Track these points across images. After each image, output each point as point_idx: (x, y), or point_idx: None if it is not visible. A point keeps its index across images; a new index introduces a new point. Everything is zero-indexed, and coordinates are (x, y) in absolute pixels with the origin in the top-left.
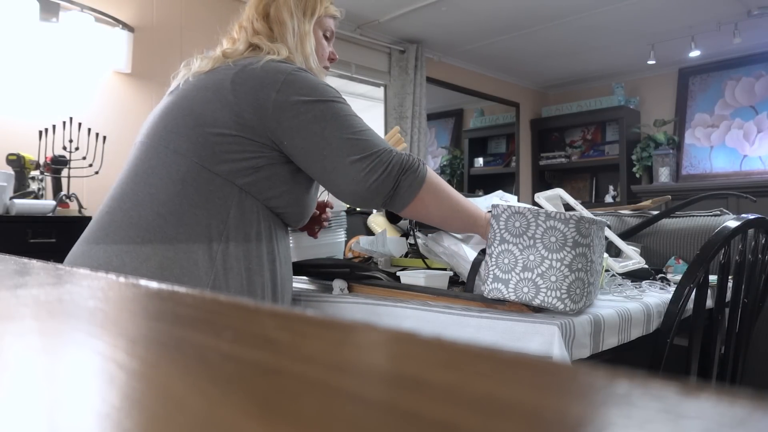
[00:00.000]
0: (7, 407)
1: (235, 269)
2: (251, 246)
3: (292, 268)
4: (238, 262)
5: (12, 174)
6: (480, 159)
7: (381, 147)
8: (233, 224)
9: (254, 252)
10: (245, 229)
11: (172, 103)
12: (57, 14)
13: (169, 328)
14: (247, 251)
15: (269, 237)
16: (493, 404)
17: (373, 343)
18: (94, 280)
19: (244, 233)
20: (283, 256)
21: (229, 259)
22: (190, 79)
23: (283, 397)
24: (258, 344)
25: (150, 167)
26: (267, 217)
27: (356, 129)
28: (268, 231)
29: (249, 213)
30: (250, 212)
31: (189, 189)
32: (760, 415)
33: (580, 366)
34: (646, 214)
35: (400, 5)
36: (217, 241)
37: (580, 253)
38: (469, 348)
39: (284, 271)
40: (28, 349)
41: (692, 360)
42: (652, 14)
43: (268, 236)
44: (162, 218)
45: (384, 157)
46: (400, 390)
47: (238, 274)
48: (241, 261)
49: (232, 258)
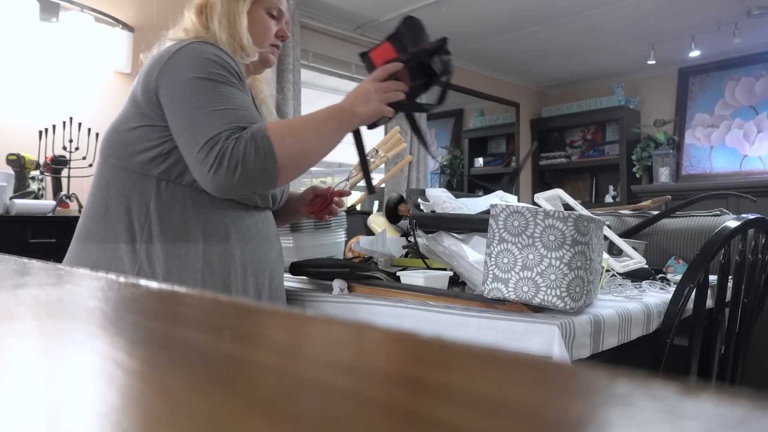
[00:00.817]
0: (7, 407)
1: (162, 264)
2: (181, 244)
3: (293, 267)
4: (166, 256)
5: (12, 174)
6: (480, 159)
7: (214, 133)
8: (156, 216)
9: (192, 248)
10: (172, 219)
11: None
12: (57, 14)
13: (169, 328)
14: (179, 247)
15: (213, 229)
16: (493, 404)
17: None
18: (94, 280)
19: (171, 225)
20: (243, 252)
21: (154, 254)
22: None
23: (283, 397)
24: (258, 344)
25: (94, 178)
26: (202, 204)
27: (206, 107)
28: (208, 221)
29: (174, 202)
30: (174, 201)
31: (111, 191)
32: (760, 415)
33: (580, 366)
34: (646, 214)
35: (400, 5)
36: (140, 237)
37: (579, 252)
38: (469, 348)
39: (249, 269)
40: (28, 349)
41: (692, 360)
42: (652, 14)
43: (209, 227)
44: (94, 222)
45: (218, 147)
46: (399, 390)
47: (167, 269)
48: (172, 256)
49: (157, 253)
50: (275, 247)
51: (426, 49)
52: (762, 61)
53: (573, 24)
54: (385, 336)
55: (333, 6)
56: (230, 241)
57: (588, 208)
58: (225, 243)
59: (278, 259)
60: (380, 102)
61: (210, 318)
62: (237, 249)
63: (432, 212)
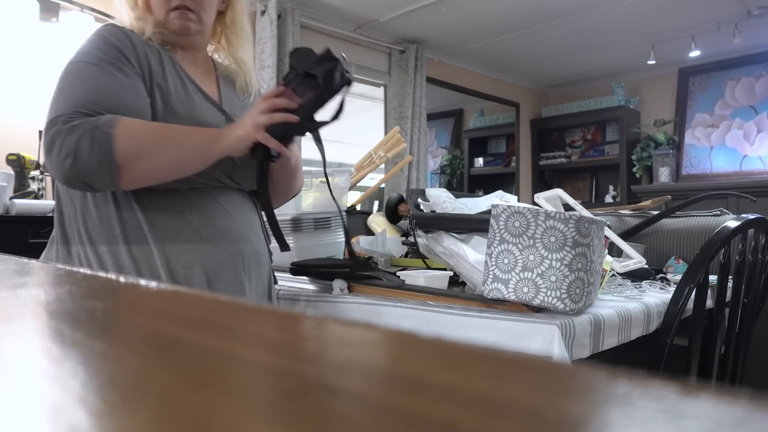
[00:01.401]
0: (7, 407)
1: (98, 266)
2: (106, 246)
3: (293, 267)
4: (98, 259)
5: (12, 174)
6: (480, 159)
7: (54, 116)
8: (81, 217)
9: (115, 251)
10: (97, 220)
11: None
12: (57, 14)
13: (169, 328)
14: (106, 249)
15: (129, 227)
16: (493, 404)
17: (373, 343)
18: (94, 280)
19: (96, 226)
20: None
21: (91, 257)
22: None
23: (283, 397)
24: (258, 344)
25: None
26: (120, 202)
27: (60, 91)
28: (122, 220)
29: (95, 200)
30: (96, 199)
31: (62, 196)
32: (760, 415)
33: (580, 366)
34: (646, 214)
35: (400, 5)
36: (74, 239)
37: (579, 253)
38: (469, 348)
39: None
40: (28, 349)
41: (692, 360)
42: (652, 14)
43: (125, 226)
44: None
45: (52, 131)
46: (400, 390)
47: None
48: (104, 258)
49: (88, 255)
50: (233, 247)
51: (306, 61)
52: (762, 61)
53: (573, 24)
54: (385, 336)
55: (333, 6)
56: (149, 241)
57: (588, 208)
58: (144, 244)
59: (240, 260)
60: (252, 125)
61: (210, 318)
62: (157, 250)
63: (432, 212)
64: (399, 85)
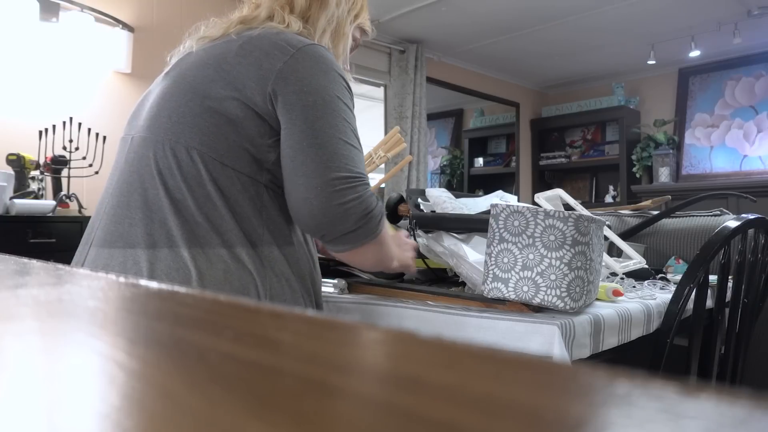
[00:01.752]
0: (6, 407)
1: (281, 266)
2: (292, 247)
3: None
4: (282, 259)
5: (12, 174)
6: (480, 159)
7: (365, 174)
8: (266, 224)
9: (294, 255)
10: (281, 230)
11: (171, 88)
12: (57, 14)
13: (169, 328)
14: (292, 250)
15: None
16: (493, 404)
17: (373, 343)
18: (94, 280)
19: (281, 232)
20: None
21: (272, 256)
22: (193, 52)
23: (283, 397)
24: (258, 344)
25: (163, 167)
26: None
27: (350, 140)
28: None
29: (280, 213)
30: (281, 212)
31: (215, 191)
32: (760, 415)
33: (580, 366)
34: (646, 214)
35: (400, 5)
36: (258, 241)
37: (579, 252)
38: (469, 348)
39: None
40: (28, 349)
41: (692, 360)
42: (652, 14)
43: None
44: (199, 226)
45: (363, 188)
46: (400, 390)
47: (282, 281)
48: (290, 259)
49: (274, 255)
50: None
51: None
52: (762, 61)
53: (573, 24)
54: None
55: None
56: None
57: (588, 208)
58: (306, 246)
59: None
60: (412, 257)
61: (210, 318)
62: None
63: (432, 212)
64: (399, 85)
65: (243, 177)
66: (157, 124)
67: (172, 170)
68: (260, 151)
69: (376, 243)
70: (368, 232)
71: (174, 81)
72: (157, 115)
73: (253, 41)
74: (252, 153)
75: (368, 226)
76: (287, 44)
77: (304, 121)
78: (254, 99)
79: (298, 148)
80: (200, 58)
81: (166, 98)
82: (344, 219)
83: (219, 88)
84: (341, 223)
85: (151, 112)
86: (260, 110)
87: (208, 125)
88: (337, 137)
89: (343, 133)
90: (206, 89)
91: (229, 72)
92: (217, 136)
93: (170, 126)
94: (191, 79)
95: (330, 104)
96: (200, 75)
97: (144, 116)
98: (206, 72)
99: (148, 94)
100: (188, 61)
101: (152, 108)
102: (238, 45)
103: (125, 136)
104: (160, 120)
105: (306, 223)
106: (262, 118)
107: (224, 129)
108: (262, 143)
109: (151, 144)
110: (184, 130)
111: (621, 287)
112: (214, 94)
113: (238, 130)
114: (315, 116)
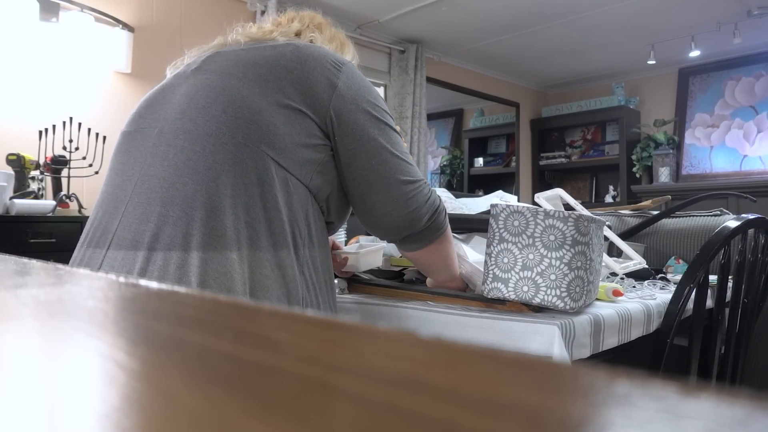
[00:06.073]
0: (6, 407)
1: (314, 278)
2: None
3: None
4: (321, 262)
5: (12, 174)
6: (480, 159)
7: (424, 178)
8: (311, 228)
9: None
10: (321, 234)
11: (217, 82)
12: (57, 14)
13: (169, 328)
14: (325, 253)
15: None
16: (493, 404)
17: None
18: (94, 280)
19: (320, 236)
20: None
21: (312, 260)
22: (226, 51)
23: (283, 397)
24: (258, 344)
25: (215, 162)
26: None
27: (404, 151)
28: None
29: (319, 221)
30: (319, 220)
31: (269, 191)
32: (760, 415)
33: (580, 366)
34: (646, 214)
35: (400, 5)
36: (301, 243)
37: (579, 252)
38: (469, 348)
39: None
40: (28, 349)
41: (692, 360)
42: (652, 14)
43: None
44: (250, 226)
45: (426, 189)
46: (400, 390)
47: (316, 284)
48: (324, 261)
49: (315, 258)
50: None
51: None
52: (762, 61)
53: (573, 24)
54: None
55: (333, 6)
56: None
57: (588, 208)
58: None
59: None
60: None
61: (210, 318)
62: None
63: None
64: (399, 85)
65: (294, 179)
66: (206, 118)
67: (228, 166)
68: (310, 153)
69: (444, 239)
70: (437, 227)
71: (219, 76)
72: (205, 108)
73: (303, 49)
74: (303, 155)
75: (437, 221)
76: (336, 59)
77: (368, 140)
78: (313, 105)
79: (368, 167)
80: (247, 58)
81: (215, 92)
82: (419, 220)
83: (276, 89)
84: (418, 225)
85: (194, 105)
86: (317, 117)
87: (267, 123)
88: (396, 150)
89: (398, 145)
90: (262, 88)
91: (287, 75)
92: (275, 135)
93: (226, 120)
94: (242, 75)
95: (382, 120)
96: (252, 73)
97: (176, 109)
98: (259, 71)
99: (165, 88)
100: (228, 59)
101: (194, 101)
102: (290, 50)
103: (139, 129)
104: (212, 113)
105: (389, 233)
106: (316, 123)
107: (282, 128)
108: (313, 145)
109: (200, 138)
110: (242, 125)
111: (621, 287)
112: (271, 93)
113: (295, 131)
114: (375, 134)
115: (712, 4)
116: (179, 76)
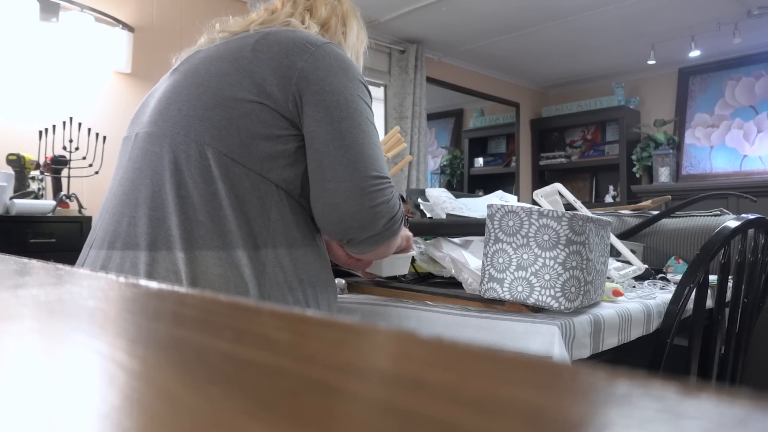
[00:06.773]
0: (6, 407)
1: (292, 268)
2: (304, 249)
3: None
4: (295, 261)
5: (12, 174)
6: (480, 159)
7: (389, 175)
8: (277, 228)
9: (316, 251)
10: (293, 234)
11: (181, 81)
12: (57, 14)
13: (169, 328)
14: (304, 252)
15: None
16: (493, 404)
17: (373, 343)
18: (94, 280)
19: (292, 237)
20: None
21: (282, 259)
22: (203, 49)
23: (283, 397)
24: (258, 344)
25: (169, 162)
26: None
27: (374, 142)
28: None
29: (295, 216)
30: (295, 215)
31: (222, 189)
32: (760, 415)
33: (580, 366)
34: (646, 214)
35: (400, 5)
36: (263, 243)
37: (574, 251)
38: (469, 348)
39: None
40: (28, 349)
41: (692, 360)
42: (652, 14)
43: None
44: (201, 225)
45: (390, 189)
46: (399, 390)
47: (297, 273)
48: (300, 261)
49: (284, 258)
50: None
51: None
52: (762, 61)
53: (573, 24)
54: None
55: None
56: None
57: (588, 208)
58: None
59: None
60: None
61: (210, 318)
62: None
63: (429, 218)
64: (399, 85)
65: (253, 174)
66: (164, 118)
67: (180, 165)
68: (274, 146)
69: (393, 240)
70: (391, 234)
71: (184, 75)
72: (165, 109)
73: (270, 36)
74: (264, 149)
75: (393, 228)
76: (307, 41)
77: (330, 122)
78: (273, 95)
79: (324, 151)
80: (214, 53)
81: (176, 92)
82: (373, 223)
83: (234, 82)
84: (370, 228)
85: (158, 107)
86: (278, 106)
87: (220, 119)
88: (362, 138)
89: (368, 134)
90: (220, 82)
91: (246, 66)
92: (229, 130)
93: (180, 119)
94: (204, 72)
95: (352, 104)
96: (213, 68)
97: (149, 112)
98: (220, 65)
99: (152, 93)
100: (199, 57)
101: (159, 103)
102: (255, 40)
103: (128, 135)
104: (169, 113)
105: (333, 230)
106: (278, 113)
107: (237, 123)
108: (276, 136)
109: (158, 138)
110: (194, 123)
111: (621, 287)
112: (228, 87)
113: (252, 125)
114: (340, 117)
115: (712, 4)
116: (163, 79)
